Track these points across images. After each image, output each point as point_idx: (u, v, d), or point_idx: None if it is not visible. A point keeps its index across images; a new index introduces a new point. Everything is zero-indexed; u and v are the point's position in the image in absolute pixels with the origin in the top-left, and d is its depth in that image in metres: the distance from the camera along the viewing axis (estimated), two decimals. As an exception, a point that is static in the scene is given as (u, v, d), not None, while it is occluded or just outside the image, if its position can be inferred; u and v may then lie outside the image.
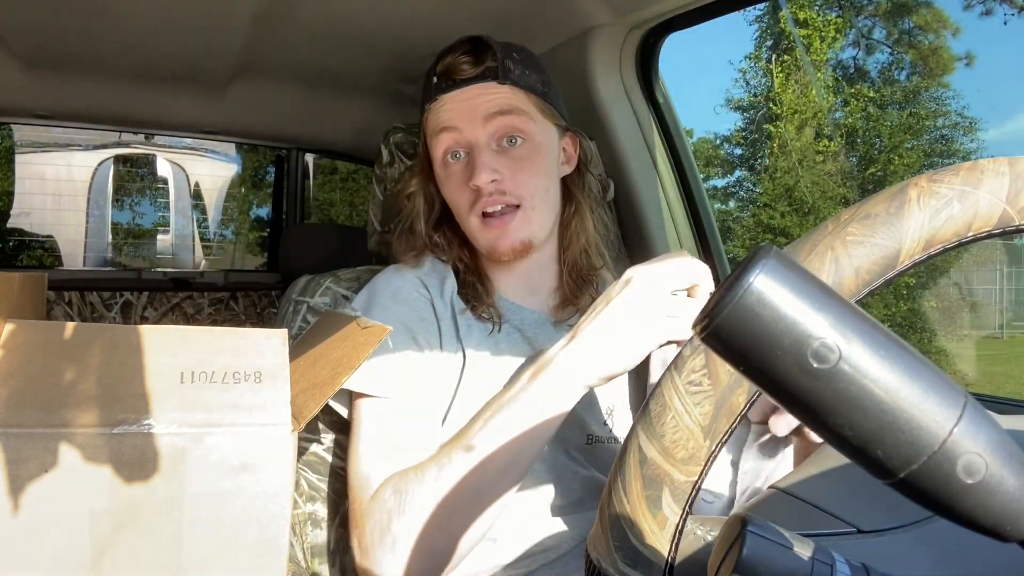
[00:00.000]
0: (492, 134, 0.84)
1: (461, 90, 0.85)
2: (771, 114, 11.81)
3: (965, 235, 0.28)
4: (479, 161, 0.82)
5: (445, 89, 0.86)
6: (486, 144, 0.84)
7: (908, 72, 11.58)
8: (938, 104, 10.91)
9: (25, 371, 0.54)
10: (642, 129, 1.26)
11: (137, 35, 1.36)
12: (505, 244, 0.84)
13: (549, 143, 0.88)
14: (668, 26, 1.19)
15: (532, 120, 0.86)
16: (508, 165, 0.84)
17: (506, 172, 0.83)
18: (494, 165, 0.83)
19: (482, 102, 0.84)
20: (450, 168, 0.87)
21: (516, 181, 0.83)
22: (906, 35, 11.63)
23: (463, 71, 0.86)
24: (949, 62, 11.17)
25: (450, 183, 0.87)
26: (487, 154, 0.83)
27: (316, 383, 0.62)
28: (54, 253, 3.84)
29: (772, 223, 11.11)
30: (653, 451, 0.30)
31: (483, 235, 0.85)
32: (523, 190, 0.84)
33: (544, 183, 0.86)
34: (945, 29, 11.24)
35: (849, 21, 11.73)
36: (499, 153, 0.84)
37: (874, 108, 11.26)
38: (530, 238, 0.85)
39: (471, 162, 0.84)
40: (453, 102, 0.86)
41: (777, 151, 11.58)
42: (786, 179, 11.29)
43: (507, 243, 0.84)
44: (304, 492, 0.90)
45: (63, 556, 0.52)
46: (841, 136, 11.34)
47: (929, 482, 0.21)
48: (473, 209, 0.84)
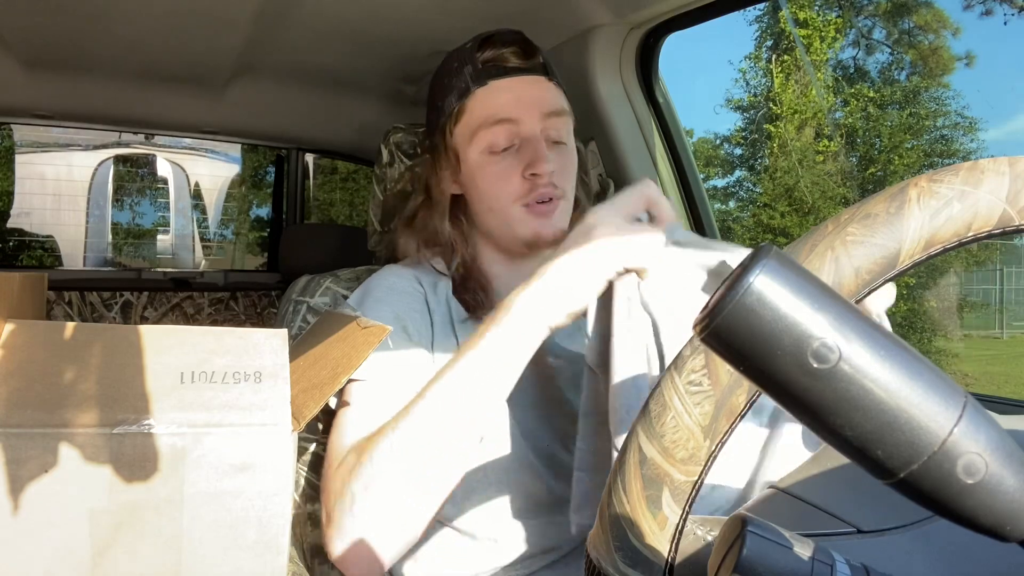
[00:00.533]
0: (547, 131, 0.86)
1: (516, 78, 0.85)
2: (771, 114, 11.81)
3: (965, 235, 0.28)
4: (541, 152, 0.83)
5: (498, 75, 0.85)
6: (543, 137, 0.85)
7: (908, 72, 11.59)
8: (938, 104, 10.91)
9: (25, 371, 0.54)
10: (642, 129, 1.26)
11: (137, 35, 1.36)
12: (549, 231, 0.84)
13: (574, 144, 0.91)
14: (668, 26, 1.19)
15: (570, 125, 0.89)
16: (557, 160, 0.85)
17: (556, 166, 0.85)
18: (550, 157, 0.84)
19: (540, 96, 0.85)
20: (495, 158, 0.86)
21: (562, 175, 0.85)
22: (906, 35, 11.63)
23: (513, 60, 0.86)
24: (949, 62, 11.17)
25: (492, 172, 0.86)
26: (544, 146, 0.84)
27: (316, 383, 0.62)
28: (54, 253, 3.84)
29: (772, 223, 11.11)
30: (653, 451, 0.30)
31: (528, 223, 0.85)
32: (566, 184, 0.86)
33: (575, 180, 0.89)
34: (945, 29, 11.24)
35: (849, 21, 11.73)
36: (549, 149, 0.85)
37: (874, 108, 11.26)
38: (564, 230, 0.86)
39: (527, 152, 0.84)
40: (510, 90, 0.85)
41: (777, 151, 11.58)
42: (786, 179, 11.29)
43: (551, 230, 0.84)
44: (304, 492, 0.90)
45: (63, 556, 0.52)
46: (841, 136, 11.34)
47: (929, 482, 0.21)
48: (522, 198, 0.84)
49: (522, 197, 0.84)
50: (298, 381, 0.62)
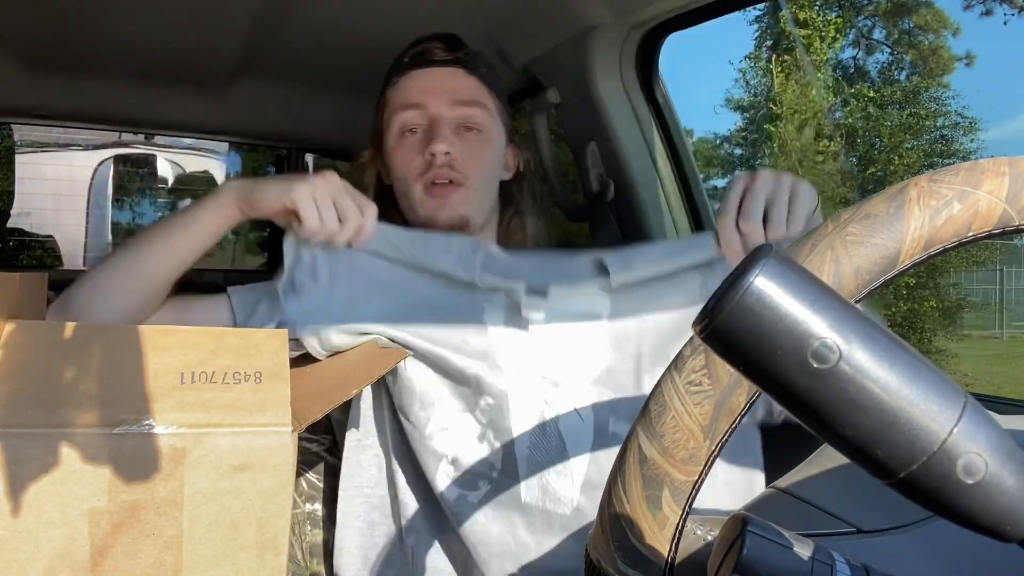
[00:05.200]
0: (454, 118, 0.91)
1: (432, 70, 0.92)
2: (771, 114, 11.80)
3: (965, 235, 0.28)
4: (439, 132, 0.89)
5: (416, 66, 0.93)
6: (446, 122, 0.90)
7: (908, 72, 11.58)
8: (938, 104, 10.89)
9: (26, 371, 0.54)
10: (642, 129, 1.25)
11: (137, 35, 1.36)
12: (444, 214, 0.89)
13: (498, 142, 0.96)
14: (668, 26, 1.19)
15: (491, 117, 0.94)
16: (462, 146, 0.90)
17: (459, 151, 0.89)
18: (451, 140, 0.89)
19: (452, 87, 0.91)
20: (405, 139, 0.92)
21: (466, 161, 0.90)
22: (906, 35, 11.63)
23: (435, 54, 0.93)
24: (949, 62, 11.16)
25: (402, 151, 0.92)
26: (447, 128, 0.90)
27: (323, 388, 0.62)
28: (54, 253, 3.83)
29: (772, 223, 11.08)
30: (653, 451, 0.30)
31: (425, 204, 0.90)
32: (470, 170, 0.90)
33: (488, 172, 0.94)
34: (945, 29, 11.23)
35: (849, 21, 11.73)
36: (456, 135, 0.91)
37: (874, 108, 11.25)
38: (468, 216, 0.91)
39: (429, 134, 0.90)
40: (423, 80, 0.92)
41: (777, 151, 11.57)
42: (786, 179, 11.25)
43: (447, 213, 0.89)
44: (304, 492, 0.90)
45: (63, 556, 0.52)
46: (841, 136, 11.34)
47: (929, 482, 0.22)
48: (421, 178, 0.90)
49: (421, 176, 0.90)
50: (303, 385, 0.62)
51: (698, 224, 1.28)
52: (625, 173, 1.23)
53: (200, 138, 2.41)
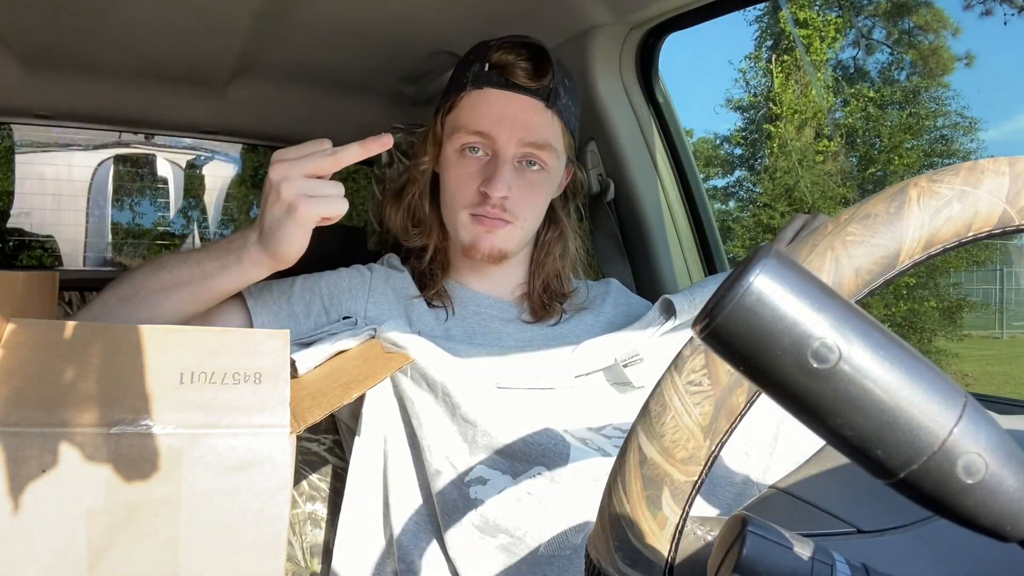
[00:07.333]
0: (520, 155, 0.87)
1: (511, 95, 0.86)
2: (771, 114, 11.80)
3: (965, 235, 0.28)
4: (500, 175, 0.84)
5: (496, 84, 0.86)
6: (511, 160, 0.86)
7: (908, 72, 11.58)
8: (938, 104, 10.90)
9: (25, 370, 0.54)
10: (642, 129, 1.25)
11: (137, 35, 1.36)
12: (485, 247, 0.87)
13: (557, 173, 0.92)
14: (668, 26, 1.19)
15: (556, 155, 0.89)
16: (520, 185, 0.87)
17: (516, 192, 0.86)
18: (510, 182, 0.85)
19: (526, 123, 0.86)
20: (465, 158, 0.87)
21: (519, 200, 0.87)
22: (906, 35, 11.63)
23: (519, 76, 0.87)
24: (949, 62, 11.16)
25: (458, 172, 0.88)
26: (509, 170, 0.85)
27: (324, 391, 0.62)
28: (54, 253, 3.84)
29: (772, 223, 11.10)
30: (653, 451, 0.30)
31: (467, 231, 0.88)
32: (521, 210, 0.87)
33: (541, 208, 0.91)
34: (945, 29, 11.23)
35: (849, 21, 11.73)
36: (517, 172, 0.87)
37: (874, 108, 11.25)
38: (507, 251, 0.89)
39: (490, 167, 0.86)
40: (499, 106, 0.86)
41: (777, 151, 11.57)
42: (786, 179, 11.28)
43: (487, 246, 0.87)
44: (304, 492, 0.90)
45: (61, 556, 0.52)
46: (841, 136, 11.34)
47: (929, 482, 0.21)
48: (470, 208, 0.87)
49: (470, 207, 0.87)
50: (305, 387, 0.62)
51: (698, 224, 1.28)
52: (625, 173, 1.23)
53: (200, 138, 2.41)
